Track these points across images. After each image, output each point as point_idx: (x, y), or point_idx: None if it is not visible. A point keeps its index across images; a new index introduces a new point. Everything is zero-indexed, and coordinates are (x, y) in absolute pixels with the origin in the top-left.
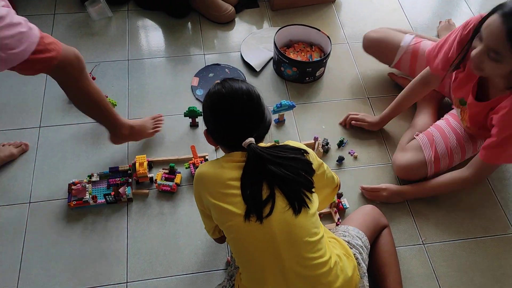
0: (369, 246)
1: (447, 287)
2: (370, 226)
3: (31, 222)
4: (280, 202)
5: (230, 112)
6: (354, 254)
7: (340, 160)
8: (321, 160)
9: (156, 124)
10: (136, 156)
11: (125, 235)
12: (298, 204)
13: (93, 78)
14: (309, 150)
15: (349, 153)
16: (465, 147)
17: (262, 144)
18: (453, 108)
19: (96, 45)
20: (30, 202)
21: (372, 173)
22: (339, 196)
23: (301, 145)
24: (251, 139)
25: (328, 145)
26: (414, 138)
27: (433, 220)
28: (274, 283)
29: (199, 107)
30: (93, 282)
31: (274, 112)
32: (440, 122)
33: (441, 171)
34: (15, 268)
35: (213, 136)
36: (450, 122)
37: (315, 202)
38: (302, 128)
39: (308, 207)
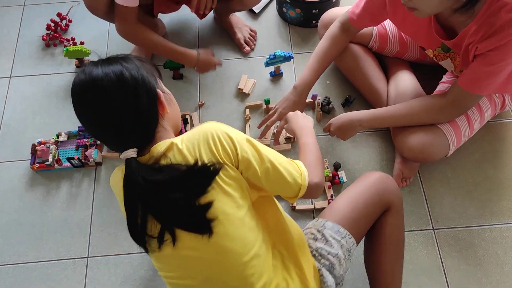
0: (356, 245)
1: (456, 283)
2: (369, 208)
3: None
4: (185, 234)
5: (90, 111)
6: (319, 270)
7: None
8: (266, 152)
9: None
10: None
11: (90, 204)
12: (206, 228)
13: (69, 21)
14: (240, 141)
15: None
16: (482, 108)
17: (146, 157)
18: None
19: None
20: None
21: (380, 138)
22: (337, 167)
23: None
24: (131, 153)
25: (330, 105)
26: None
27: (448, 200)
28: None
29: None
30: (52, 255)
31: (267, 64)
32: (438, 88)
33: (461, 144)
34: None
35: None
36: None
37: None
38: None
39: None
